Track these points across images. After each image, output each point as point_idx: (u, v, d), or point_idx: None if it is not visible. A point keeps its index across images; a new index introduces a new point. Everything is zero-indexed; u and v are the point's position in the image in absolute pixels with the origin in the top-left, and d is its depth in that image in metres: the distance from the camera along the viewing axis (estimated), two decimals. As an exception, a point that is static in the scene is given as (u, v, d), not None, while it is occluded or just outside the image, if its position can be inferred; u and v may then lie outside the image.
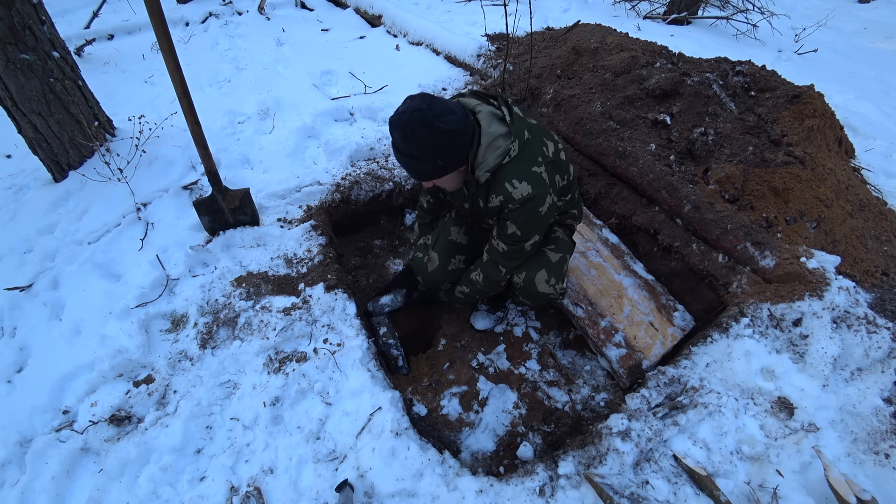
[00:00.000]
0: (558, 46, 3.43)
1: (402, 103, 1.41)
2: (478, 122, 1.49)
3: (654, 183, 2.32)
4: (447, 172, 1.48)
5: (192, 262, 2.25)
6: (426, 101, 1.37)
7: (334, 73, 3.79)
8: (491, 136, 1.47)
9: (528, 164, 1.50)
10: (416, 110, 1.34)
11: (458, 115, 1.40)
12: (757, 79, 2.53)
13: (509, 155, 1.47)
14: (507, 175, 1.48)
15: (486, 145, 1.47)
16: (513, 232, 1.57)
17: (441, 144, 1.38)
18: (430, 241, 2.01)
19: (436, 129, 1.35)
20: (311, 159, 2.84)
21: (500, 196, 1.51)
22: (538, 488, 1.51)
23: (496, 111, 1.51)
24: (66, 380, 1.87)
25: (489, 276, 1.80)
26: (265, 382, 1.82)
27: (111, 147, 2.70)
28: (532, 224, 1.56)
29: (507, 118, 1.49)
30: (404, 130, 1.36)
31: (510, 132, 1.48)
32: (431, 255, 1.97)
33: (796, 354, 1.77)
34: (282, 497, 1.55)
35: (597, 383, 2.09)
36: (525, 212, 1.51)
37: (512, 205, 1.50)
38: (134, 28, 4.77)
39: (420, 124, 1.34)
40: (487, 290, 1.89)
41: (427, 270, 1.99)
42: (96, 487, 1.59)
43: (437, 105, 1.37)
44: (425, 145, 1.38)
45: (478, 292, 1.92)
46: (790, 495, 1.44)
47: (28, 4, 2.26)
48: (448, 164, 1.46)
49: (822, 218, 2.09)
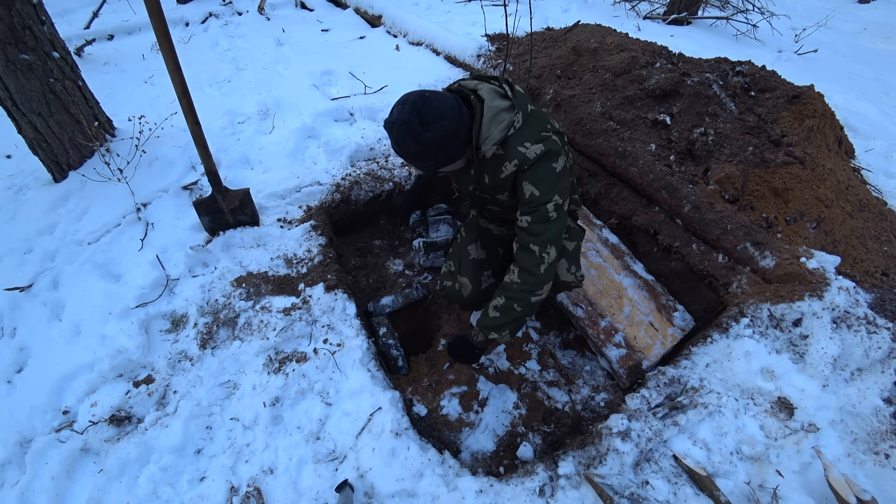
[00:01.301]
0: (558, 47, 3.43)
1: (394, 106, 1.39)
2: (479, 97, 1.48)
3: (654, 183, 2.32)
4: (445, 165, 1.51)
5: (192, 263, 2.25)
6: (416, 108, 1.34)
7: (334, 73, 3.79)
8: (494, 109, 1.46)
9: (537, 130, 1.50)
10: (404, 123, 1.34)
11: (448, 119, 1.38)
12: (757, 79, 2.53)
13: (514, 126, 1.47)
14: (517, 140, 1.48)
15: (489, 119, 1.46)
16: (531, 193, 1.50)
17: (432, 149, 1.40)
18: (452, 267, 1.96)
19: (424, 139, 1.35)
20: (311, 159, 2.84)
21: (514, 160, 1.49)
22: (538, 488, 1.51)
23: (498, 88, 1.52)
24: (66, 380, 1.87)
25: (524, 266, 1.54)
26: (265, 382, 1.82)
27: (111, 147, 2.71)
28: (549, 182, 1.50)
29: (508, 94, 1.50)
30: (395, 139, 1.39)
31: (513, 105, 1.48)
32: (461, 281, 1.91)
33: (796, 355, 1.77)
34: (282, 497, 1.55)
35: (597, 383, 2.09)
36: (539, 169, 1.48)
37: (526, 165, 1.48)
38: (134, 28, 4.78)
39: (408, 137, 1.35)
40: (526, 289, 1.55)
41: (463, 297, 1.92)
42: (96, 487, 1.59)
43: (427, 112, 1.34)
44: (414, 153, 1.41)
45: (515, 298, 1.56)
46: (790, 495, 1.44)
47: (28, 4, 2.26)
48: (442, 163, 1.49)
49: (822, 218, 2.09)
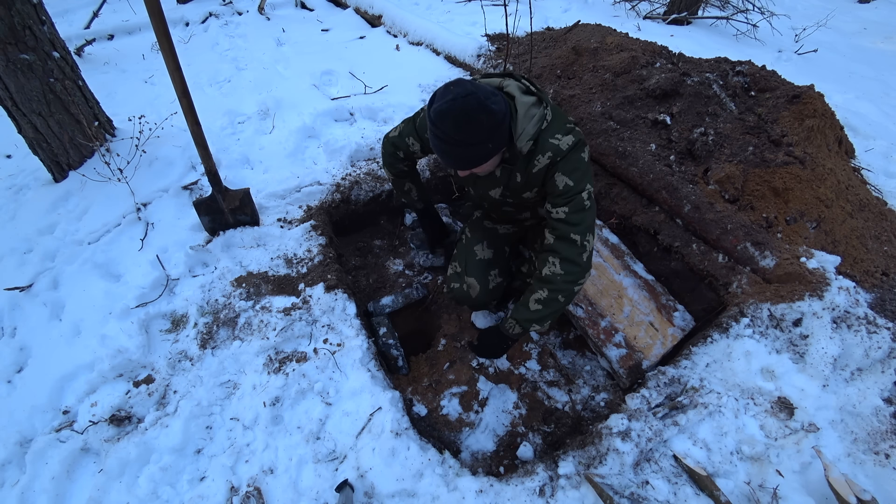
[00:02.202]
0: (558, 46, 3.43)
1: (440, 93, 1.37)
2: (509, 94, 1.51)
3: (654, 183, 2.32)
4: (494, 154, 1.48)
5: (192, 262, 2.25)
6: (472, 85, 1.35)
7: (334, 73, 3.79)
8: (525, 105, 1.49)
9: (563, 122, 1.56)
10: (468, 95, 1.32)
11: (499, 96, 1.41)
12: (757, 79, 2.53)
13: (546, 119, 1.51)
14: (549, 133, 1.52)
15: (522, 115, 1.49)
16: (565, 185, 1.53)
17: (494, 126, 1.38)
18: (458, 268, 1.97)
19: (491, 111, 1.35)
20: (311, 159, 2.84)
21: (548, 152, 1.53)
22: (538, 488, 1.51)
23: (520, 84, 1.55)
24: (66, 380, 1.87)
25: (567, 256, 1.54)
26: (265, 382, 1.82)
27: (111, 147, 2.70)
28: (581, 171, 1.55)
29: (532, 88, 1.54)
30: (458, 118, 1.33)
31: (540, 100, 1.52)
32: (469, 282, 1.92)
33: (796, 354, 1.77)
34: (282, 497, 1.55)
35: (597, 383, 2.09)
36: (573, 160, 1.54)
37: (560, 156, 1.52)
38: (134, 28, 4.77)
39: (477, 109, 1.33)
40: (571, 279, 1.56)
41: (472, 297, 1.94)
42: (96, 487, 1.59)
43: (481, 88, 1.36)
44: (481, 129, 1.36)
45: (560, 289, 1.57)
46: (790, 495, 1.44)
47: (28, 4, 2.26)
48: (497, 145, 1.45)
49: (822, 218, 2.09)
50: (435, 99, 1.38)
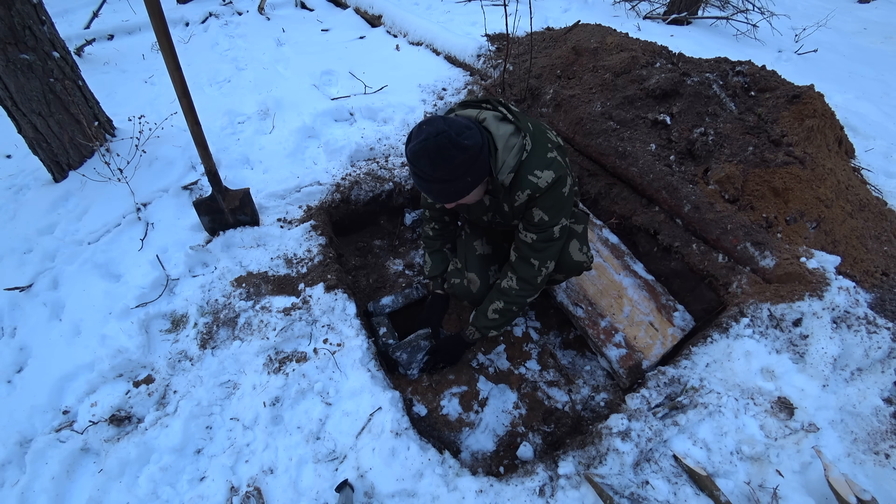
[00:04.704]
0: (558, 46, 3.43)
1: (415, 133, 1.39)
2: (486, 128, 1.51)
3: (654, 183, 2.32)
4: (475, 187, 1.48)
5: (192, 263, 2.25)
6: (444, 122, 1.37)
7: (334, 73, 3.79)
8: (503, 137, 1.49)
9: (543, 152, 1.54)
10: (440, 133, 1.34)
11: (473, 129, 1.41)
12: (757, 79, 2.53)
13: (525, 150, 1.50)
14: (528, 168, 1.51)
15: (502, 148, 1.49)
16: (540, 218, 1.57)
17: (469, 160, 1.39)
18: (458, 264, 2.00)
19: (464, 147, 1.36)
20: (311, 159, 2.84)
21: (526, 189, 1.53)
22: (538, 488, 1.51)
23: (496, 113, 1.54)
24: (66, 380, 1.87)
25: (523, 276, 1.71)
26: (265, 382, 1.82)
27: (111, 147, 2.71)
28: (558, 207, 1.57)
29: (509, 116, 1.52)
30: (432, 157, 1.35)
31: (518, 129, 1.51)
32: (469, 277, 1.94)
33: (796, 354, 1.77)
34: (282, 497, 1.55)
35: (597, 383, 2.09)
36: (551, 196, 1.54)
37: (539, 193, 1.53)
38: (134, 28, 4.77)
39: (448, 146, 1.34)
40: (524, 294, 1.75)
41: (472, 292, 1.96)
42: (96, 487, 1.59)
43: (454, 124, 1.37)
44: (456, 166, 1.37)
45: (514, 301, 1.76)
46: (790, 495, 1.44)
47: (28, 4, 2.26)
48: (477, 178, 1.46)
49: (822, 218, 2.09)
50: (410, 139, 1.40)
